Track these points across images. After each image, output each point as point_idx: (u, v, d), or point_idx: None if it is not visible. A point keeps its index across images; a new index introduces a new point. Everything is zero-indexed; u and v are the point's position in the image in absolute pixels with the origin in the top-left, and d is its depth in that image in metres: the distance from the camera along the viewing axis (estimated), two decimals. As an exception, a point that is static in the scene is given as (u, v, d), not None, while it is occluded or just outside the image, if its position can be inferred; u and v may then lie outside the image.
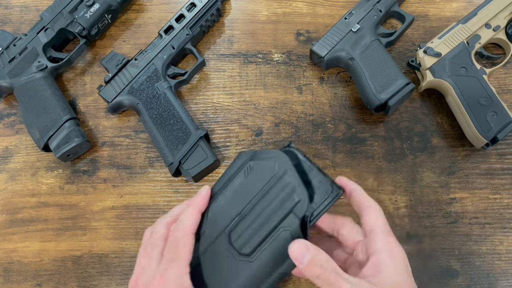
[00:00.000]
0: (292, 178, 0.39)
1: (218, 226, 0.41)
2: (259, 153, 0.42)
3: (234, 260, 0.40)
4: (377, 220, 0.40)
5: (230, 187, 0.42)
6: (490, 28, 0.60)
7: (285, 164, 0.40)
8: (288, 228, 0.38)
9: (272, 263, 0.39)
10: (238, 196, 0.41)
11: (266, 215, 0.39)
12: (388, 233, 0.40)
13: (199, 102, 0.64)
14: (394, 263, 0.38)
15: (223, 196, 0.42)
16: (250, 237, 0.39)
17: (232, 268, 0.40)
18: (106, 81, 0.61)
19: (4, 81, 0.61)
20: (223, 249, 0.40)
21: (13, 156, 0.62)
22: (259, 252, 0.39)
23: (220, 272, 0.40)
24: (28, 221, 0.59)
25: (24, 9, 0.69)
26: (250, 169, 0.42)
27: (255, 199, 0.40)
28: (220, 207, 0.42)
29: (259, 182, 0.40)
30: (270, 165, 0.40)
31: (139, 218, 0.59)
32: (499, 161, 0.59)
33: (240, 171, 0.42)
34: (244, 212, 0.40)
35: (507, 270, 0.55)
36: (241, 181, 0.42)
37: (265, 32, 0.67)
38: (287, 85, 0.64)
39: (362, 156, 0.60)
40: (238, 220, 0.40)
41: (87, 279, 0.56)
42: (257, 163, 0.41)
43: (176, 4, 0.69)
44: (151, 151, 0.61)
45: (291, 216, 0.38)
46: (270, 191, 0.40)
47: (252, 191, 0.40)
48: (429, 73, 0.59)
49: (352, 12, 0.62)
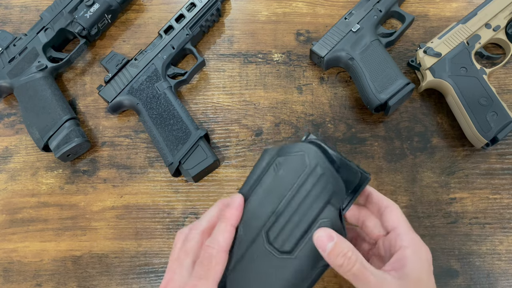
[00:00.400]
0: (325, 170, 0.39)
1: (254, 227, 0.40)
2: (286, 147, 0.41)
3: (275, 258, 0.39)
4: (400, 218, 0.41)
5: (261, 186, 0.41)
6: (490, 28, 0.60)
7: (316, 156, 0.40)
8: (328, 220, 0.39)
9: (315, 257, 0.38)
10: (271, 194, 0.41)
11: (303, 209, 0.39)
12: (411, 230, 0.40)
13: (199, 102, 0.64)
14: (419, 260, 0.38)
15: (255, 195, 0.41)
16: (289, 233, 0.39)
17: (274, 268, 0.39)
18: (106, 81, 0.61)
19: (4, 81, 0.61)
20: (262, 250, 0.40)
21: (13, 156, 0.62)
22: (301, 247, 0.39)
23: (262, 273, 0.40)
24: (28, 221, 0.59)
25: (24, 9, 0.69)
26: (280, 165, 0.41)
27: (289, 194, 0.40)
28: (254, 207, 0.41)
29: (291, 177, 0.40)
30: (300, 158, 0.40)
31: (139, 218, 0.59)
32: (499, 161, 0.59)
33: (269, 169, 0.41)
34: (280, 209, 0.40)
35: (507, 270, 0.55)
36: (271, 178, 0.41)
37: (265, 32, 0.67)
38: (287, 85, 0.64)
39: (362, 156, 0.60)
40: (274, 218, 0.40)
41: (87, 279, 0.56)
42: (285, 158, 0.41)
43: (176, 4, 0.69)
44: (151, 151, 0.61)
45: (329, 207, 0.39)
46: (304, 184, 0.40)
47: (285, 187, 0.40)
48: (429, 73, 0.59)
49: (352, 12, 0.62)
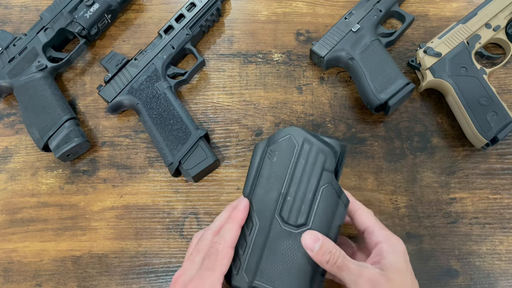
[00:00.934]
0: (312, 143, 0.45)
1: (267, 214, 0.44)
2: (272, 136, 0.46)
3: (294, 234, 0.43)
4: (369, 218, 0.46)
5: (262, 176, 0.45)
6: (490, 28, 0.60)
7: (300, 135, 0.45)
8: (327, 184, 0.44)
9: (328, 218, 0.44)
10: (272, 180, 0.45)
11: (305, 182, 0.44)
12: (383, 228, 0.46)
13: (199, 102, 0.64)
14: (395, 252, 0.43)
15: (259, 186, 0.45)
16: (299, 208, 0.44)
17: (296, 243, 0.43)
18: (106, 81, 0.61)
19: (4, 81, 0.61)
20: (280, 231, 0.44)
21: (13, 156, 0.62)
22: (312, 216, 0.43)
23: (286, 252, 0.43)
24: (28, 221, 0.59)
25: (24, 9, 0.69)
26: (272, 153, 0.45)
27: (289, 174, 0.44)
28: (261, 196, 0.45)
29: (286, 159, 0.45)
30: (288, 141, 0.45)
31: (139, 218, 0.59)
32: (499, 161, 0.59)
33: (264, 159, 0.46)
34: (284, 190, 0.44)
35: (507, 270, 0.55)
36: (269, 166, 0.45)
37: (265, 32, 0.67)
38: (287, 85, 0.64)
39: (362, 156, 0.60)
40: (282, 200, 0.44)
41: (87, 279, 0.56)
42: (275, 145, 0.45)
43: (176, 4, 0.69)
44: (151, 151, 0.61)
45: (325, 173, 0.44)
46: (299, 161, 0.45)
47: (283, 170, 0.45)
48: (429, 73, 0.59)
49: (352, 12, 0.62)
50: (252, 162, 0.46)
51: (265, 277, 0.43)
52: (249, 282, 0.43)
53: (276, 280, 0.43)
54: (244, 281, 0.43)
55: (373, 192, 0.58)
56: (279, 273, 0.43)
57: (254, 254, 0.44)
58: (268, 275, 0.43)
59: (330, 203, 0.44)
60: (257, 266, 0.43)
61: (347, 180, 0.59)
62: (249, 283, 0.43)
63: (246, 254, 0.44)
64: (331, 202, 0.44)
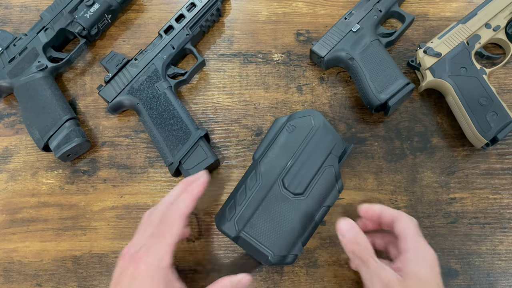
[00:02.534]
0: (326, 127, 0.52)
1: (272, 176, 0.50)
2: (294, 114, 0.53)
3: (289, 200, 0.50)
4: (408, 224, 0.47)
5: (277, 143, 0.52)
6: (490, 28, 0.60)
7: (319, 118, 0.52)
8: (331, 165, 0.51)
9: (322, 195, 0.50)
10: (285, 149, 0.51)
11: (312, 158, 0.51)
12: (418, 237, 0.46)
13: (199, 102, 0.64)
14: (419, 261, 0.44)
15: (271, 151, 0.51)
16: (301, 178, 0.50)
17: (288, 208, 0.50)
18: (106, 81, 0.61)
19: (4, 81, 0.61)
20: (279, 194, 0.50)
21: (13, 156, 0.62)
22: (310, 189, 0.50)
23: (279, 213, 0.49)
24: (28, 221, 0.59)
25: (24, 9, 0.69)
26: (291, 127, 0.52)
27: (300, 148, 0.51)
28: (271, 160, 0.51)
29: (301, 135, 0.52)
30: (307, 120, 0.52)
31: (139, 218, 0.58)
32: (499, 161, 0.59)
33: (282, 131, 0.52)
34: (293, 160, 0.51)
35: (507, 270, 0.55)
36: (285, 137, 0.52)
37: (265, 32, 0.67)
38: (287, 85, 0.64)
39: (362, 156, 0.60)
40: (289, 168, 0.50)
41: (87, 279, 0.56)
42: (296, 121, 0.52)
43: (176, 4, 0.69)
44: (151, 151, 0.61)
45: (331, 156, 0.51)
46: (312, 140, 0.51)
47: (296, 143, 0.51)
48: (429, 73, 0.59)
49: (352, 12, 0.62)
50: (269, 131, 0.53)
51: (252, 230, 0.49)
52: (237, 231, 0.48)
53: (261, 236, 0.48)
54: (233, 229, 0.48)
55: (373, 192, 0.58)
56: (266, 230, 0.49)
57: (250, 207, 0.49)
58: (256, 229, 0.49)
59: (327, 183, 0.50)
60: (249, 219, 0.49)
61: (347, 180, 0.59)
62: (237, 232, 0.48)
63: (243, 205, 0.49)
64: (328, 183, 0.51)
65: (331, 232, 0.57)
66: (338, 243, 0.56)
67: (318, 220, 0.50)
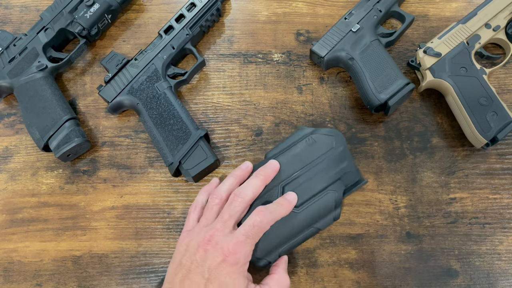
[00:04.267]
0: (345, 154, 0.51)
1: (275, 180, 0.51)
2: (319, 129, 0.53)
3: None
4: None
5: (292, 151, 0.52)
6: (490, 28, 0.60)
7: (342, 143, 0.52)
8: (335, 191, 0.50)
9: (316, 216, 0.49)
10: (297, 159, 0.51)
11: (319, 177, 0.50)
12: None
13: (199, 102, 0.64)
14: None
15: (284, 156, 0.52)
16: (301, 192, 0.50)
17: None
18: (106, 81, 0.61)
19: (4, 81, 0.61)
20: (275, 199, 0.49)
21: (13, 156, 0.62)
22: (307, 205, 0.49)
23: None
24: (28, 221, 0.59)
25: (24, 9, 0.69)
26: (312, 140, 0.52)
27: (312, 163, 0.51)
28: (280, 164, 0.51)
29: (318, 151, 0.51)
30: (329, 139, 0.52)
31: (139, 218, 0.59)
32: (499, 161, 0.59)
33: (301, 141, 0.52)
34: (301, 172, 0.50)
35: (507, 270, 0.55)
36: (303, 148, 0.52)
37: (265, 32, 0.67)
38: (287, 85, 0.64)
39: (362, 156, 0.60)
40: (294, 178, 0.50)
41: (87, 279, 0.56)
42: (318, 136, 0.52)
43: (176, 4, 0.69)
44: (151, 151, 0.61)
45: (339, 182, 0.50)
46: (326, 159, 0.51)
47: (310, 157, 0.51)
48: (429, 73, 0.59)
49: (352, 12, 0.62)
50: (290, 137, 0.53)
51: None
52: None
53: None
54: None
55: (373, 192, 0.58)
56: None
57: None
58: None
59: (325, 207, 0.49)
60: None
61: (347, 180, 0.59)
62: None
63: None
64: (326, 206, 0.49)
65: (331, 232, 0.57)
66: (338, 243, 0.56)
67: (303, 238, 0.50)
